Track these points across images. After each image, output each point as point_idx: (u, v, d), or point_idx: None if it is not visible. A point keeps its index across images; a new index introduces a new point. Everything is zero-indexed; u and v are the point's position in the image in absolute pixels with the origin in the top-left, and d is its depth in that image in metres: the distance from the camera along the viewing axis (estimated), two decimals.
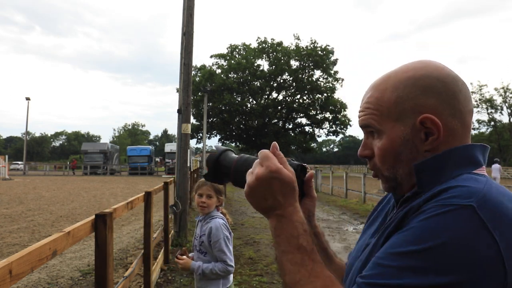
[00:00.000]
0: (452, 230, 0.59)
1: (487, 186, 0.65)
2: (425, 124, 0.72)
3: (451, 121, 0.73)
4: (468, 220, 0.60)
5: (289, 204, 0.76)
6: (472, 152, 0.74)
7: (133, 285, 5.02)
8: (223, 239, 2.58)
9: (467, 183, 0.66)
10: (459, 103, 0.74)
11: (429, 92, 0.73)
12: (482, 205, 0.61)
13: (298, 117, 43.17)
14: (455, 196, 0.63)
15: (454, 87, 0.74)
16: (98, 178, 32.30)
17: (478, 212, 0.60)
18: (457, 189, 0.65)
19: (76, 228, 2.09)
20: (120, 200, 12.96)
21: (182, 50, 7.77)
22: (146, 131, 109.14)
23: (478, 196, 0.62)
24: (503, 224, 0.60)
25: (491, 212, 0.61)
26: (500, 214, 0.61)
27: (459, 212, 0.61)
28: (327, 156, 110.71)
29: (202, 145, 24.77)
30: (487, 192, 0.64)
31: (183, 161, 7.68)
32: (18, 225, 9.16)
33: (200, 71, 40.16)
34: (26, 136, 47.08)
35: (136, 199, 3.91)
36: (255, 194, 0.77)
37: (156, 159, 48.76)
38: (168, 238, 6.23)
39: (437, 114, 0.73)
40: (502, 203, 0.63)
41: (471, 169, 0.72)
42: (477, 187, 0.64)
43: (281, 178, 0.75)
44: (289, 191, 0.76)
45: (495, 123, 49.43)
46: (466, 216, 0.60)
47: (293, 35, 57.80)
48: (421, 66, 0.77)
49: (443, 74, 0.75)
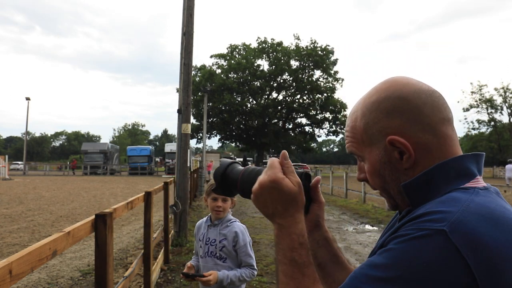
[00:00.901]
0: (424, 256, 0.60)
1: (464, 208, 0.64)
2: (394, 144, 0.74)
3: (422, 136, 0.73)
4: (441, 246, 0.60)
5: (289, 215, 0.78)
6: (462, 164, 0.73)
7: (133, 285, 5.02)
8: (249, 243, 2.55)
9: (443, 206, 0.65)
10: (425, 116, 0.74)
11: (392, 113, 0.75)
12: (454, 229, 0.61)
13: (298, 117, 43.19)
14: (430, 220, 0.63)
15: (417, 102, 0.74)
16: (98, 178, 32.29)
17: (450, 236, 0.60)
18: (432, 213, 0.65)
19: (76, 228, 2.09)
20: (120, 200, 12.97)
21: (182, 50, 7.77)
22: (146, 131, 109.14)
23: (451, 220, 0.62)
24: (476, 249, 0.59)
25: (463, 237, 0.60)
26: (473, 238, 0.60)
27: (432, 237, 0.61)
28: (327, 156, 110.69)
29: (202, 145, 24.77)
30: (461, 215, 0.63)
31: (183, 161, 7.68)
32: (18, 225, 9.16)
33: (200, 71, 40.18)
34: (26, 136, 47.08)
35: (136, 199, 3.91)
36: (258, 200, 0.82)
37: (156, 159, 48.76)
38: (168, 238, 6.23)
39: (403, 133, 0.74)
40: (476, 227, 0.61)
41: (463, 182, 0.71)
42: (451, 210, 0.64)
43: (280, 188, 0.78)
44: (289, 201, 0.79)
45: (495, 123, 49.38)
46: (438, 241, 0.60)
47: (293, 35, 57.84)
48: (384, 88, 0.78)
49: (405, 91, 0.76)
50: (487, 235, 0.61)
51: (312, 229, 0.95)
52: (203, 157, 21.13)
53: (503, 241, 0.61)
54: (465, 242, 0.60)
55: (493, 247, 0.60)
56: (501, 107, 48.59)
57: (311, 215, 0.93)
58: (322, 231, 0.96)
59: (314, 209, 0.95)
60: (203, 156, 21.25)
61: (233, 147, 73.11)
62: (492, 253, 0.60)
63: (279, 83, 41.48)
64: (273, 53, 41.21)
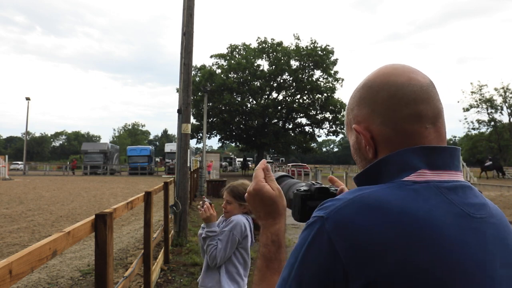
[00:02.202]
0: (304, 243, 0.67)
1: (354, 197, 0.67)
2: (358, 133, 0.77)
3: (383, 130, 0.74)
4: (316, 232, 0.65)
5: (270, 217, 0.89)
6: (404, 158, 0.71)
7: (133, 285, 5.02)
8: (232, 235, 2.47)
9: (340, 196, 0.69)
10: (390, 110, 0.73)
11: (363, 102, 0.77)
12: (330, 217, 0.65)
13: (298, 117, 43.14)
14: (320, 209, 0.69)
15: (384, 94, 0.74)
16: (98, 178, 32.27)
17: (325, 223, 0.65)
18: (326, 203, 0.69)
19: (76, 228, 2.09)
20: (120, 200, 12.96)
21: (182, 50, 7.77)
22: (146, 131, 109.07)
23: (331, 208, 0.66)
24: (343, 234, 0.63)
25: (335, 223, 0.64)
26: (342, 225, 0.64)
27: (313, 224, 0.67)
28: (327, 156, 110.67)
29: (202, 145, 24.75)
30: (344, 204, 0.66)
31: (183, 161, 7.68)
32: (18, 225, 9.16)
33: (200, 71, 40.14)
34: (26, 136, 47.03)
35: (136, 199, 3.91)
36: (250, 206, 0.94)
37: (156, 159, 48.73)
38: (168, 238, 6.23)
39: (369, 124, 0.76)
40: (350, 214, 0.64)
41: (404, 175, 0.69)
42: (339, 199, 0.68)
43: (261, 194, 0.89)
44: (269, 205, 0.89)
45: (495, 123, 49.36)
46: (316, 228, 0.66)
47: (293, 35, 57.77)
48: (366, 77, 0.80)
49: (376, 81, 0.76)
50: (357, 222, 0.63)
51: None
52: (203, 157, 21.12)
53: (376, 228, 0.62)
54: (334, 228, 0.64)
55: (361, 233, 0.62)
56: (501, 107, 48.61)
57: None
58: None
59: None
60: (203, 156, 21.24)
61: (233, 147, 73.07)
62: (359, 239, 0.62)
63: (279, 83, 41.45)
64: (273, 53, 41.17)
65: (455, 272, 0.62)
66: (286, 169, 33.37)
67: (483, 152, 50.37)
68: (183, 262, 6.04)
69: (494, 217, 0.71)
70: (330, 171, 22.23)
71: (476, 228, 0.67)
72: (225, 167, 48.36)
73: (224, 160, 50.73)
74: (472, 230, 0.66)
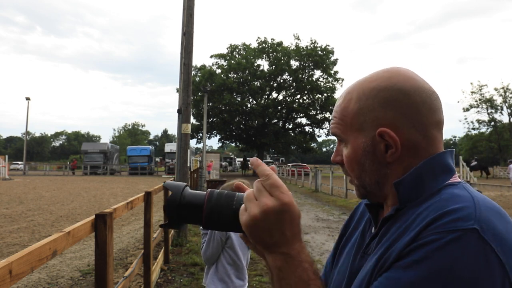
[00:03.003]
0: (466, 261, 0.57)
1: (475, 203, 0.64)
2: (383, 137, 0.72)
3: (412, 134, 0.72)
4: (478, 246, 0.57)
5: (297, 241, 0.68)
6: (446, 160, 0.74)
7: (133, 285, 5.02)
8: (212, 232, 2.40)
9: (455, 203, 0.63)
10: (421, 116, 0.72)
11: (389, 105, 0.73)
12: (483, 227, 0.59)
13: (298, 117, 43.15)
14: (456, 220, 0.60)
15: (417, 99, 0.72)
16: (98, 178, 32.28)
17: (483, 235, 0.58)
18: (452, 212, 0.62)
19: (76, 228, 2.09)
20: (120, 200, 12.96)
21: (182, 50, 7.77)
22: (146, 131, 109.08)
23: (474, 218, 0.60)
24: (505, 245, 0.59)
25: (493, 234, 0.59)
26: (499, 234, 0.60)
27: (466, 238, 0.58)
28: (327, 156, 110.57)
29: (202, 145, 24.76)
30: (479, 211, 0.62)
31: (183, 161, 7.68)
32: (18, 225, 9.16)
33: (200, 71, 40.14)
34: (26, 136, 47.02)
35: (136, 199, 3.91)
36: (259, 229, 0.66)
37: (156, 159, 48.72)
38: (168, 238, 6.23)
39: (396, 127, 0.72)
40: (496, 222, 0.61)
41: (447, 178, 0.71)
42: (467, 206, 0.63)
43: (292, 211, 0.66)
44: (296, 226, 0.68)
45: (495, 123, 49.34)
46: (474, 241, 0.58)
47: (293, 35, 57.82)
48: (387, 77, 0.75)
49: (407, 85, 0.73)
50: (504, 229, 0.61)
51: None
52: (203, 157, 21.13)
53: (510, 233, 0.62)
54: (495, 239, 0.58)
55: (509, 238, 0.61)
56: (501, 107, 48.60)
57: None
58: None
59: None
60: (203, 156, 21.24)
61: (233, 147, 73.07)
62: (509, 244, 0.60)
63: (279, 83, 41.45)
64: (273, 53, 41.17)
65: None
66: (286, 169, 33.38)
67: (483, 152, 50.37)
68: (183, 262, 6.04)
69: None
70: (330, 171, 22.21)
71: None
72: (225, 167, 48.37)
73: (224, 160, 50.73)
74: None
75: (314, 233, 8.31)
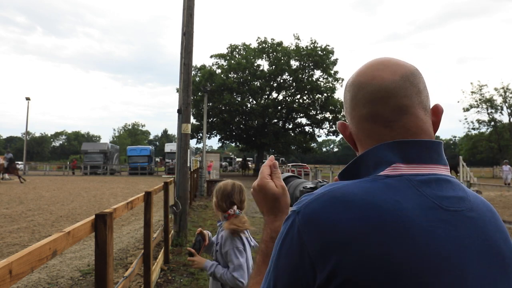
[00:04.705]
0: (281, 237, 0.71)
1: (324, 191, 0.69)
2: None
3: (352, 128, 0.81)
4: (289, 225, 0.69)
5: (271, 213, 0.93)
6: (378, 153, 0.73)
7: (133, 285, 5.02)
8: (233, 249, 2.34)
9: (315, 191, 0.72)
10: (352, 109, 0.79)
11: (345, 98, 0.84)
12: (301, 211, 0.69)
13: (298, 117, 43.12)
14: (296, 204, 0.72)
15: (350, 95, 0.80)
16: (98, 178, 32.26)
17: (296, 217, 0.69)
18: (302, 197, 0.73)
19: (76, 228, 2.09)
20: (120, 200, 12.97)
21: (182, 50, 7.77)
22: (146, 131, 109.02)
23: (303, 203, 0.70)
24: (310, 226, 0.66)
25: (303, 217, 0.68)
26: (310, 218, 0.67)
27: (289, 219, 0.71)
28: (327, 156, 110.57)
29: (202, 145, 24.75)
30: (315, 198, 0.69)
31: (183, 161, 7.68)
32: (18, 225, 9.16)
33: (200, 71, 40.14)
34: (26, 136, 47.00)
35: (136, 199, 3.91)
36: (255, 200, 0.97)
37: (156, 159, 48.71)
38: (168, 238, 6.23)
39: (348, 119, 0.82)
40: (318, 208, 0.67)
41: (380, 170, 0.71)
42: (312, 194, 0.71)
43: (264, 191, 0.93)
44: (272, 202, 0.92)
45: (495, 123, 49.30)
46: (290, 221, 0.70)
47: (293, 35, 57.78)
48: (354, 72, 0.82)
49: (350, 82, 0.81)
50: (324, 215, 0.66)
51: None
52: (203, 157, 21.12)
53: (341, 221, 0.64)
54: (303, 222, 0.67)
55: (326, 225, 0.64)
56: (501, 107, 48.54)
57: None
58: None
59: None
60: (203, 156, 21.24)
61: (233, 147, 73.03)
62: (325, 232, 0.64)
63: (279, 83, 41.43)
64: (273, 53, 41.16)
65: (418, 263, 0.62)
66: (286, 169, 33.38)
67: (483, 152, 50.34)
68: (183, 262, 6.04)
69: (473, 211, 0.70)
70: (330, 171, 22.20)
71: (447, 221, 0.66)
72: (225, 167, 48.36)
73: (224, 160, 50.72)
74: (442, 222, 0.66)
75: None
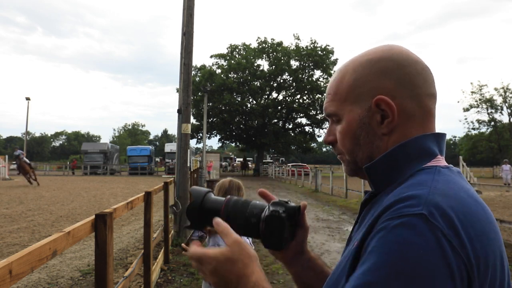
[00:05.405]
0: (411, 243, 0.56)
1: (432, 189, 0.62)
2: (380, 106, 0.72)
3: (408, 104, 0.72)
4: (425, 229, 0.57)
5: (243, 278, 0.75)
6: (424, 143, 0.72)
7: (133, 285, 5.02)
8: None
9: (413, 190, 0.63)
10: (417, 86, 0.73)
11: (386, 75, 0.73)
12: (431, 211, 0.58)
13: (298, 117, 43.14)
14: (406, 206, 0.60)
15: (412, 70, 0.74)
16: (98, 178, 32.26)
17: (430, 219, 0.57)
18: (405, 199, 0.61)
19: (76, 228, 2.09)
20: (120, 200, 12.96)
21: (182, 50, 7.77)
22: (146, 131, 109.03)
23: (424, 203, 0.59)
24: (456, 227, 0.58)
25: (442, 217, 0.58)
26: (450, 217, 0.58)
27: (413, 222, 0.57)
28: (327, 156, 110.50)
29: (202, 145, 24.76)
30: (432, 197, 0.60)
31: (183, 161, 7.68)
32: (18, 225, 9.15)
33: (200, 71, 40.15)
34: (26, 136, 46.99)
35: (136, 199, 3.91)
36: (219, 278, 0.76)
37: (156, 159, 48.71)
38: (168, 238, 6.24)
39: (392, 97, 0.72)
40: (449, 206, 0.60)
41: (425, 161, 0.70)
42: (421, 193, 0.61)
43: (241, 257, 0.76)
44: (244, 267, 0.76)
45: (495, 123, 49.28)
46: (421, 225, 0.57)
47: (293, 35, 57.83)
48: (382, 50, 0.77)
49: (403, 57, 0.75)
50: (462, 216, 0.59)
51: (297, 255, 0.92)
52: (203, 157, 21.12)
53: (475, 216, 0.61)
54: (445, 223, 0.57)
55: (468, 223, 0.59)
56: (501, 107, 48.52)
57: (296, 240, 0.90)
58: (305, 254, 0.93)
59: (299, 235, 0.91)
60: (203, 156, 21.24)
61: (233, 147, 73.06)
62: (468, 230, 0.58)
63: (279, 83, 41.45)
64: (273, 53, 41.18)
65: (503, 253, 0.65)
66: (286, 169, 33.37)
67: (483, 152, 50.32)
68: (183, 262, 6.04)
69: None
70: (330, 171, 22.19)
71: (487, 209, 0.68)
72: (225, 167, 48.37)
73: (224, 160, 50.73)
74: (488, 211, 0.67)
75: (314, 233, 8.31)
